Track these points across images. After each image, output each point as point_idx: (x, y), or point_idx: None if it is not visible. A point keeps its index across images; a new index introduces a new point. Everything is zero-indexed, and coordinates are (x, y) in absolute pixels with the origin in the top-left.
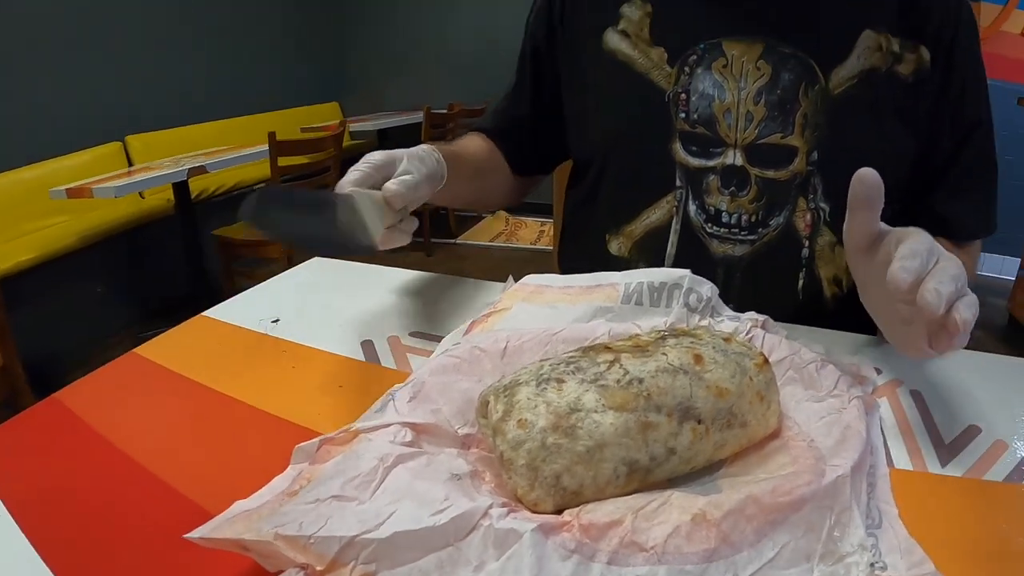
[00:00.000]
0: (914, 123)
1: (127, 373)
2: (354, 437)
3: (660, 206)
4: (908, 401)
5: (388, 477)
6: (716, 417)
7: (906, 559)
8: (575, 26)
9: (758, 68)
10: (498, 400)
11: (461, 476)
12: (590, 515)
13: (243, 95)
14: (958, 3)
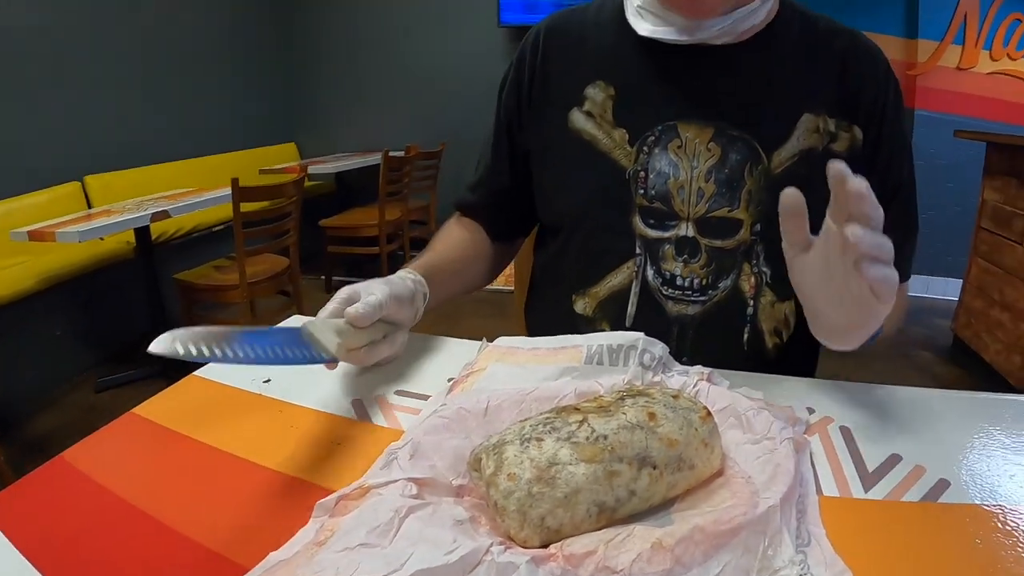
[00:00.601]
0: None
1: (128, 433)
2: (366, 492)
3: (621, 271)
4: (837, 436)
5: (403, 526)
6: (668, 463)
7: (830, 570)
8: (543, 104)
9: (709, 149)
10: (489, 458)
11: (463, 521)
12: (571, 547)
13: (201, 136)
14: (886, 84)
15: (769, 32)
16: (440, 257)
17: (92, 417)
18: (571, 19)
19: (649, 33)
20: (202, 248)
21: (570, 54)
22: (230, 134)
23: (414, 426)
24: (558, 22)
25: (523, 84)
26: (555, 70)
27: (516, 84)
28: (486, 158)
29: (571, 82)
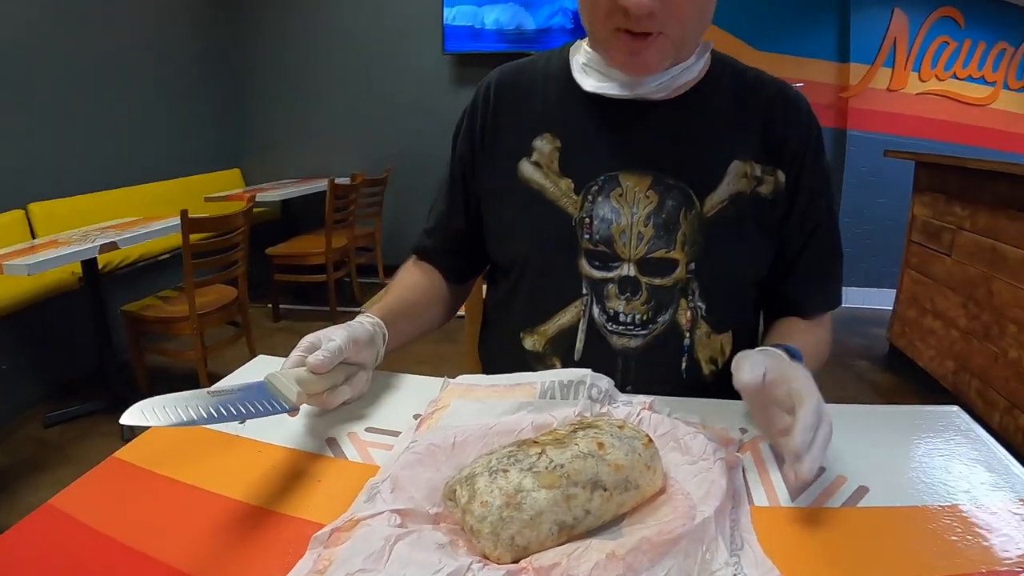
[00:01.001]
0: (771, 231)
1: (113, 477)
2: (356, 524)
3: (569, 310)
4: (767, 452)
5: (393, 552)
6: (616, 485)
7: (760, 569)
8: (494, 153)
9: (647, 197)
10: (463, 488)
11: (444, 545)
12: (539, 561)
13: (145, 162)
14: (808, 131)
15: (702, 87)
16: (398, 300)
17: (42, 452)
18: (520, 73)
19: (594, 89)
20: (148, 277)
21: (519, 107)
22: (174, 160)
23: (390, 461)
24: (508, 76)
25: (475, 133)
26: (505, 122)
27: (469, 132)
28: (441, 204)
29: (520, 133)
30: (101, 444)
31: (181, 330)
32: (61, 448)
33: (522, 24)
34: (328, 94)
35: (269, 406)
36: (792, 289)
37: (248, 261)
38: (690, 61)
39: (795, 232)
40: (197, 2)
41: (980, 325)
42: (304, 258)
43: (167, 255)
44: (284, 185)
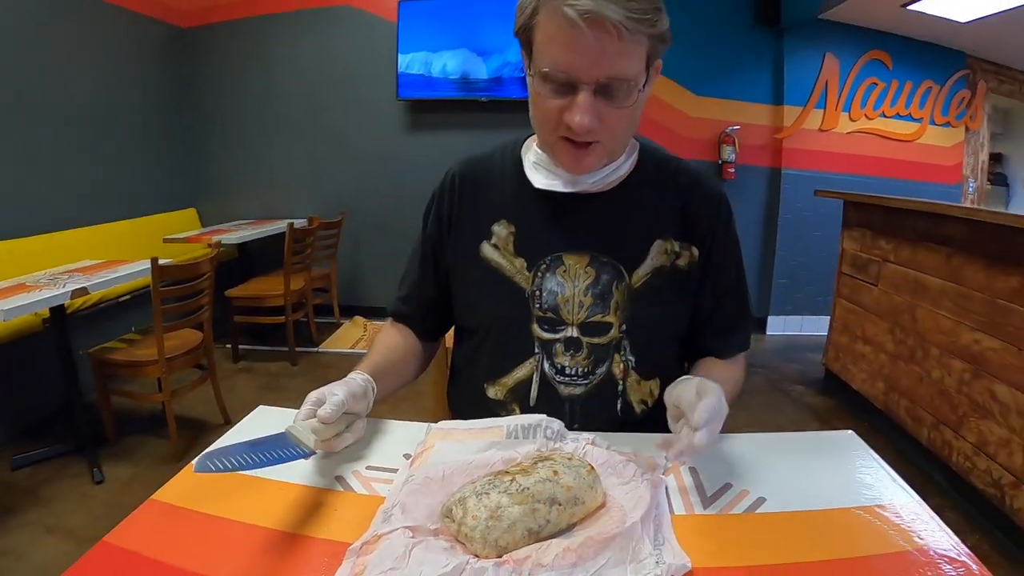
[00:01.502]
0: (688, 297)
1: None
2: (379, 539)
3: (525, 366)
4: (686, 473)
5: (411, 555)
6: (568, 501)
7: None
8: (459, 236)
9: (587, 272)
10: (458, 508)
11: (447, 548)
12: (517, 555)
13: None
14: (718, 210)
15: (630, 178)
16: (383, 359)
17: (11, 496)
18: (478, 167)
19: (543, 186)
20: (109, 318)
21: (480, 197)
22: (130, 200)
23: (394, 491)
24: (469, 170)
25: (443, 217)
26: (468, 209)
27: (437, 216)
28: (414, 274)
29: (481, 219)
30: (71, 486)
31: (149, 373)
32: (31, 491)
33: (473, 73)
34: (284, 136)
35: (295, 452)
36: (708, 341)
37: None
38: (620, 160)
39: (708, 295)
40: (154, 43)
41: (906, 349)
42: (263, 300)
43: (127, 296)
44: (242, 227)
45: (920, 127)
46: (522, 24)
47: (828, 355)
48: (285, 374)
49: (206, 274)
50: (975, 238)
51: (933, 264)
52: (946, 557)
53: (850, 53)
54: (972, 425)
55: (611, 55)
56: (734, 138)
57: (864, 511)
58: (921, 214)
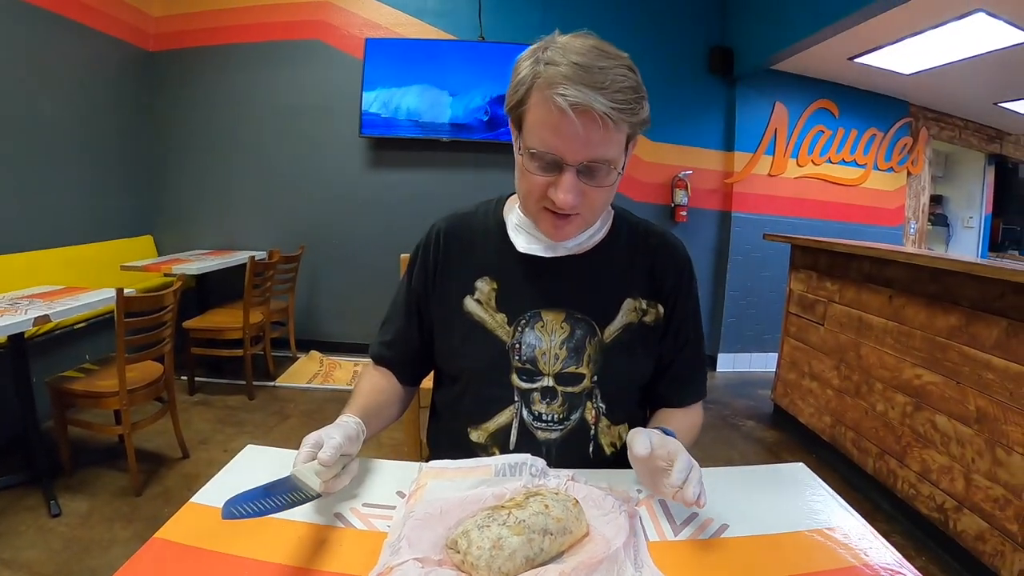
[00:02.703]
0: (653, 349)
1: (160, 555)
2: (391, 570)
3: (505, 413)
4: (657, 505)
5: None
6: (558, 531)
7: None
8: (444, 290)
9: (562, 327)
10: (462, 540)
11: None
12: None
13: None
14: (682, 270)
15: (604, 242)
16: (370, 402)
17: None
18: (462, 224)
19: (524, 250)
20: (66, 346)
21: (464, 253)
22: (86, 225)
23: (396, 526)
24: (453, 227)
25: (428, 272)
26: (453, 266)
27: (422, 271)
28: (398, 321)
29: (465, 275)
30: (28, 519)
31: (109, 405)
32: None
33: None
34: (245, 167)
35: (305, 495)
36: (667, 389)
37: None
38: (597, 226)
39: (670, 347)
40: (119, 65)
41: (852, 384)
42: (221, 332)
43: (83, 323)
44: (200, 257)
45: (864, 172)
46: (514, 104)
47: (776, 391)
48: (243, 408)
49: (169, 306)
50: (915, 280)
51: (876, 304)
52: (890, 570)
53: (799, 102)
54: (915, 454)
55: (595, 141)
56: (686, 182)
57: (816, 533)
58: (865, 257)
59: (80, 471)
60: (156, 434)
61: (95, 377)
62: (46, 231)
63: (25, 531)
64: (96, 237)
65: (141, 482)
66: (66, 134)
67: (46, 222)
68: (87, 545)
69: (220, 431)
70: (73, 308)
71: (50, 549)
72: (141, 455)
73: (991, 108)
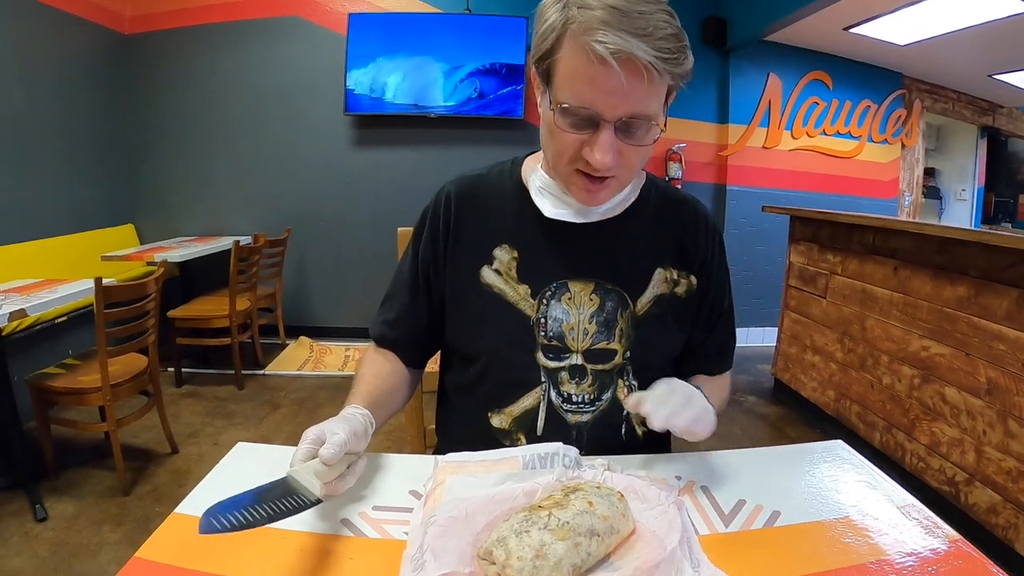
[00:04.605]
0: (686, 323)
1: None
2: None
3: (531, 395)
4: (700, 493)
5: None
6: (605, 531)
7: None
8: (457, 260)
9: (591, 299)
10: (499, 549)
11: None
12: None
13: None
14: (713, 239)
15: (634, 207)
16: (375, 390)
17: None
18: (476, 186)
19: (552, 215)
20: (46, 341)
21: (479, 219)
22: (65, 216)
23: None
24: (466, 189)
25: (438, 240)
26: (466, 233)
27: (432, 239)
28: (402, 297)
29: (481, 243)
30: (13, 525)
31: (92, 401)
32: None
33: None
34: (227, 150)
35: (303, 502)
36: (700, 362)
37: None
38: (628, 190)
39: (703, 322)
40: (94, 49)
41: (856, 357)
42: (208, 321)
43: (65, 317)
44: (183, 244)
45: (859, 144)
46: (542, 54)
47: (777, 365)
48: (232, 399)
49: (152, 295)
50: (921, 250)
51: (881, 276)
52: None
53: (792, 73)
54: (924, 427)
55: (636, 95)
56: (680, 155)
57: (872, 516)
58: (868, 228)
59: (65, 472)
60: (143, 429)
61: (77, 373)
62: (21, 224)
63: (10, 538)
64: (75, 228)
65: (129, 481)
66: (40, 123)
67: (21, 215)
68: (75, 550)
69: (210, 424)
70: (50, 301)
71: (36, 556)
72: (128, 452)
73: (985, 80)
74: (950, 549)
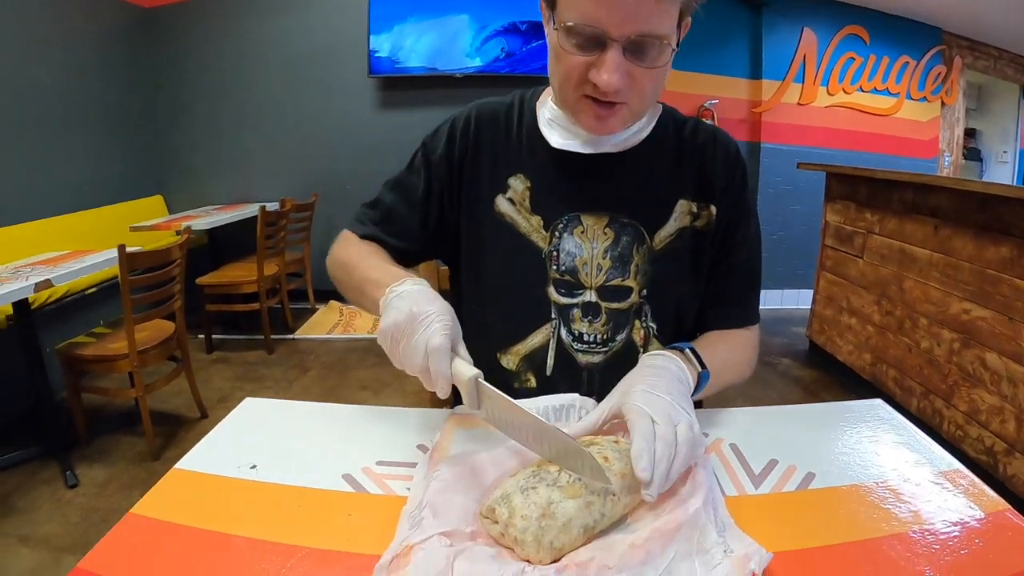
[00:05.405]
0: (704, 260)
1: (136, 534)
2: (411, 550)
3: (540, 332)
4: (728, 451)
5: (455, 568)
6: (622, 490)
7: (742, 543)
8: (474, 182)
9: (605, 233)
10: (502, 507)
11: (495, 556)
12: (577, 557)
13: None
14: (734, 169)
15: (650, 140)
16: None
17: None
18: (497, 112)
19: (559, 145)
20: (76, 312)
21: (498, 146)
22: (94, 189)
23: (417, 490)
24: (487, 114)
25: (453, 160)
26: (485, 158)
27: (447, 156)
28: (398, 206)
29: (498, 170)
30: (46, 492)
31: (121, 368)
32: (5, 498)
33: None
34: (253, 118)
35: None
36: (714, 308)
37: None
38: (643, 121)
39: (721, 259)
40: (116, 25)
41: (894, 320)
42: (236, 287)
43: (94, 288)
44: (210, 212)
45: (897, 102)
46: None
47: (812, 328)
48: (262, 363)
49: (177, 260)
50: (963, 209)
51: (920, 235)
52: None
53: (827, 28)
54: (963, 394)
55: (644, 12)
56: (712, 112)
57: (914, 481)
58: (908, 185)
59: (97, 439)
60: (173, 395)
61: (105, 340)
62: (52, 199)
63: (42, 505)
64: (104, 201)
65: (159, 446)
66: (65, 99)
67: (51, 190)
68: (105, 515)
69: (239, 388)
70: (76, 271)
71: (68, 522)
72: (158, 418)
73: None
74: (996, 519)
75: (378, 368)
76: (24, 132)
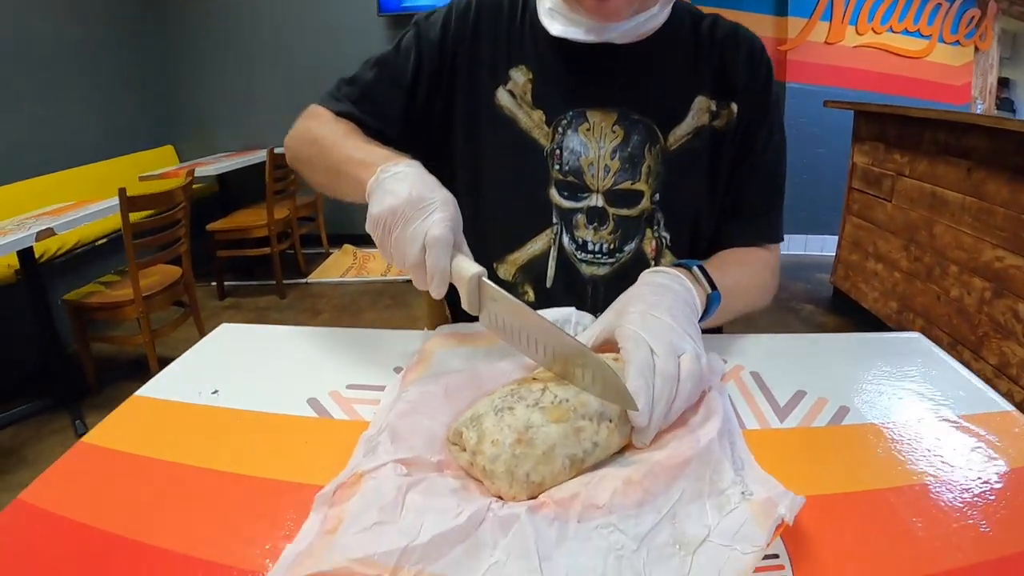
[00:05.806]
0: (723, 163)
1: (84, 464)
2: (360, 479)
3: (540, 239)
4: (749, 379)
5: (407, 501)
6: (620, 416)
7: (764, 486)
8: (472, 70)
9: (614, 131)
10: (470, 430)
11: (457, 489)
12: (558, 494)
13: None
14: (758, 67)
15: (664, 31)
16: None
17: None
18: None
19: (560, 34)
20: (87, 264)
21: (499, 34)
22: (104, 142)
23: (381, 413)
24: (489, 1)
25: (447, 45)
26: (485, 48)
27: (442, 39)
28: (379, 86)
29: (498, 59)
30: (57, 443)
31: (127, 315)
32: (15, 451)
33: None
34: (261, 63)
35: None
36: (735, 224)
37: (191, 238)
38: (654, 10)
39: (743, 162)
40: None
41: (923, 267)
42: (247, 232)
43: (104, 239)
44: (220, 159)
45: (928, 44)
46: None
47: (837, 273)
48: (274, 308)
49: (181, 203)
50: (998, 151)
51: (952, 178)
52: None
53: None
54: (993, 346)
55: None
56: None
57: (960, 421)
58: (941, 125)
59: (107, 388)
60: (183, 342)
61: (112, 288)
62: (61, 152)
63: (54, 456)
64: (115, 153)
65: None
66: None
67: (61, 144)
68: None
69: None
70: (78, 219)
71: None
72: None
73: None
74: None
75: (391, 310)
76: (29, 83)
